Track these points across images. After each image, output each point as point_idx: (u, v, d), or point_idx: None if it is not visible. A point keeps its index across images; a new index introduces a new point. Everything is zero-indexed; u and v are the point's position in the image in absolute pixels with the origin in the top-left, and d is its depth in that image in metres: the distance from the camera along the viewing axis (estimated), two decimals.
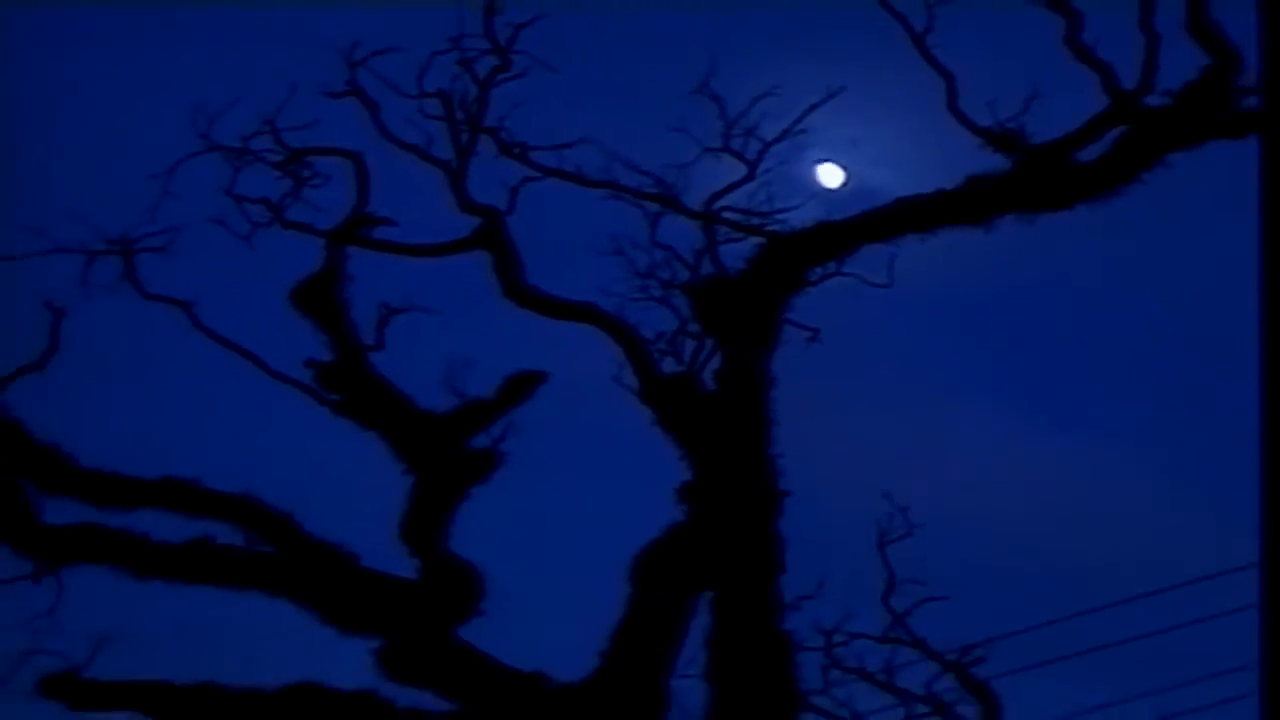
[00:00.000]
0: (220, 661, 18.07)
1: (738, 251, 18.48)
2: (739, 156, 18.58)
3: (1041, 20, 17.34)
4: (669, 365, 18.34)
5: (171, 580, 17.86)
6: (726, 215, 18.63)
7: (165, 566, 17.78)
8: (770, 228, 18.30)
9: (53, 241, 18.51)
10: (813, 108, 18.49)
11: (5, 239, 19.26)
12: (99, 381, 19.71)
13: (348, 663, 17.73)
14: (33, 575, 17.71)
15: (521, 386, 18.68)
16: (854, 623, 18.51)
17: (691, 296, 18.42)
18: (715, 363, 18.10)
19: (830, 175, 19.32)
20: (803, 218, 18.30)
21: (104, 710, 17.52)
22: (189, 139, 18.78)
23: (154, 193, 18.76)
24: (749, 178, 18.58)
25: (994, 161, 17.48)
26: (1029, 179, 17.41)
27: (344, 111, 18.93)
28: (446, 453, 18.42)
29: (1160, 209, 18.64)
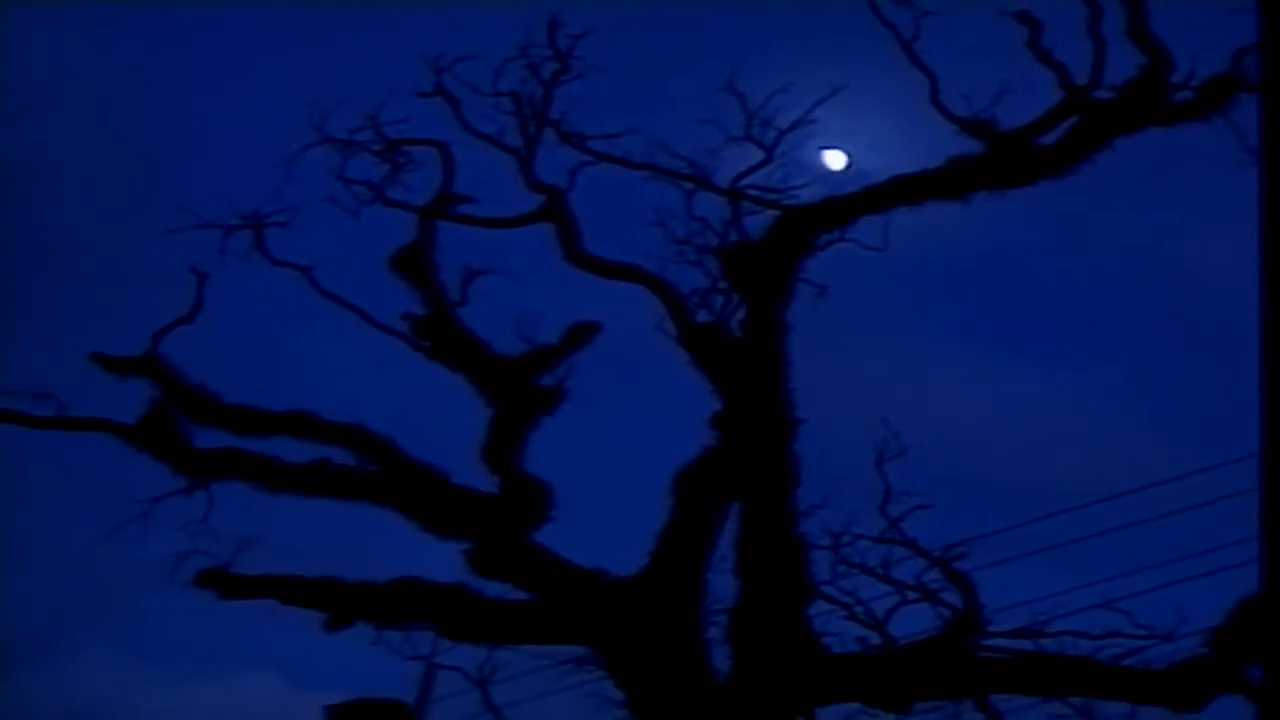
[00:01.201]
0: (339, 560, 18.63)
1: (758, 222, 18.86)
2: (758, 143, 18.80)
3: (1009, 28, 17.81)
4: (702, 316, 18.65)
5: (298, 494, 18.68)
6: (748, 192, 18.90)
7: (293, 483, 18.59)
8: (785, 202, 18.68)
9: (197, 218, 18.97)
10: (819, 102, 18.72)
11: (159, 217, 19.89)
12: (236, 332, 19.96)
13: (442, 562, 18.18)
14: (187, 490, 18.47)
15: (580, 335, 19.11)
16: (856, 527, 18.33)
17: (720, 259, 18.72)
18: (740, 314, 18.50)
19: (834, 159, 19.42)
20: (811, 194, 18.74)
21: (247, 599, 18.26)
22: (306, 132, 19.12)
23: (278, 177, 19.20)
24: (766, 161, 18.82)
25: (970, 146, 18.06)
26: (999, 160, 17.99)
27: (432, 108, 19.23)
28: (519, 390, 18.82)
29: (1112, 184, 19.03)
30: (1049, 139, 18.12)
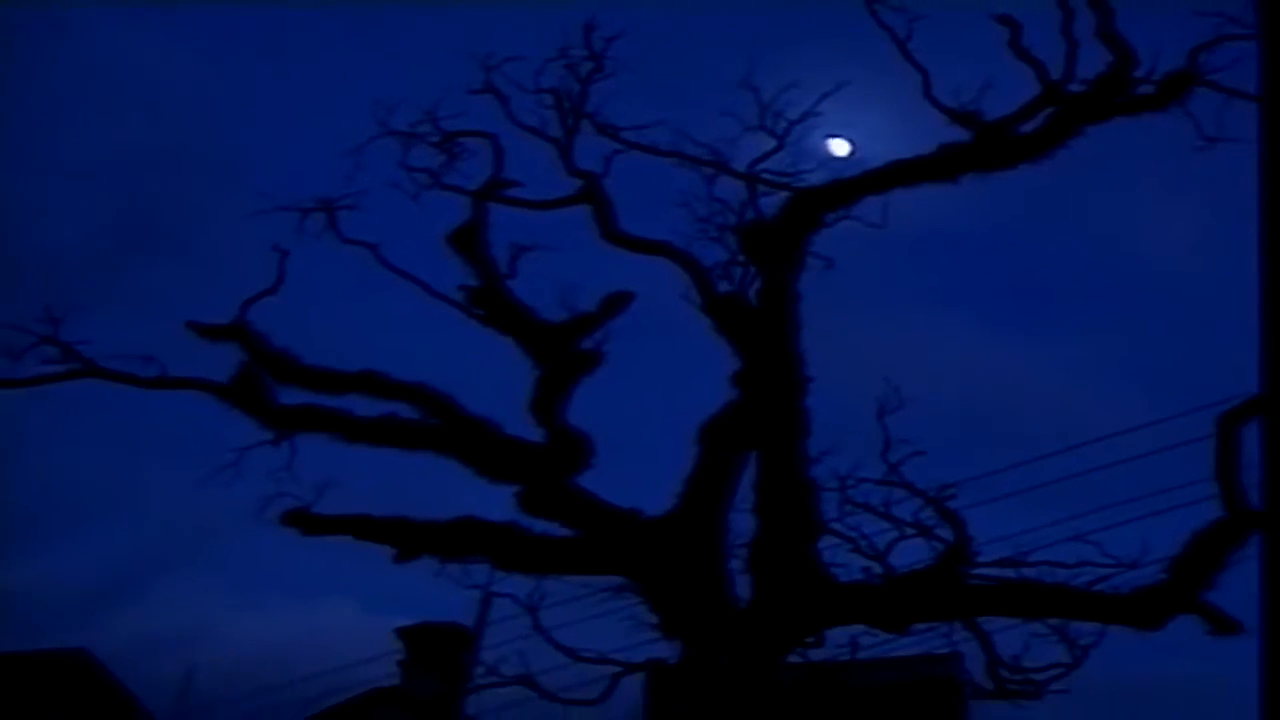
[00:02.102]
0: (405, 502, 18.97)
1: (771, 202, 19.04)
2: (771, 133, 19.01)
3: (992, 30, 18.12)
4: (723, 286, 18.80)
5: (369, 444, 18.82)
6: (763, 176, 19.07)
7: (364, 434, 18.76)
8: (795, 185, 18.89)
9: (277, 202, 19.28)
10: (825, 96, 18.93)
11: (244, 202, 20.21)
12: (313, 302, 20.22)
13: (496, 503, 18.28)
14: (273, 441, 18.75)
15: (615, 303, 19.29)
16: (860, 471, 18.34)
17: (738, 236, 18.90)
18: (757, 284, 18.66)
19: (838, 146, 19.50)
20: (818, 177, 18.93)
21: (325, 536, 18.50)
22: (372, 126, 19.42)
23: (348, 166, 19.39)
24: (779, 148, 19.04)
25: (958, 134, 18.31)
26: (984, 147, 18.21)
27: (482, 104, 19.51)
28: (562, 352, 18.97)
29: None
30: (1028, 127, 18.26)
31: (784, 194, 18.94)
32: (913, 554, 18.36)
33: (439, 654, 27.14)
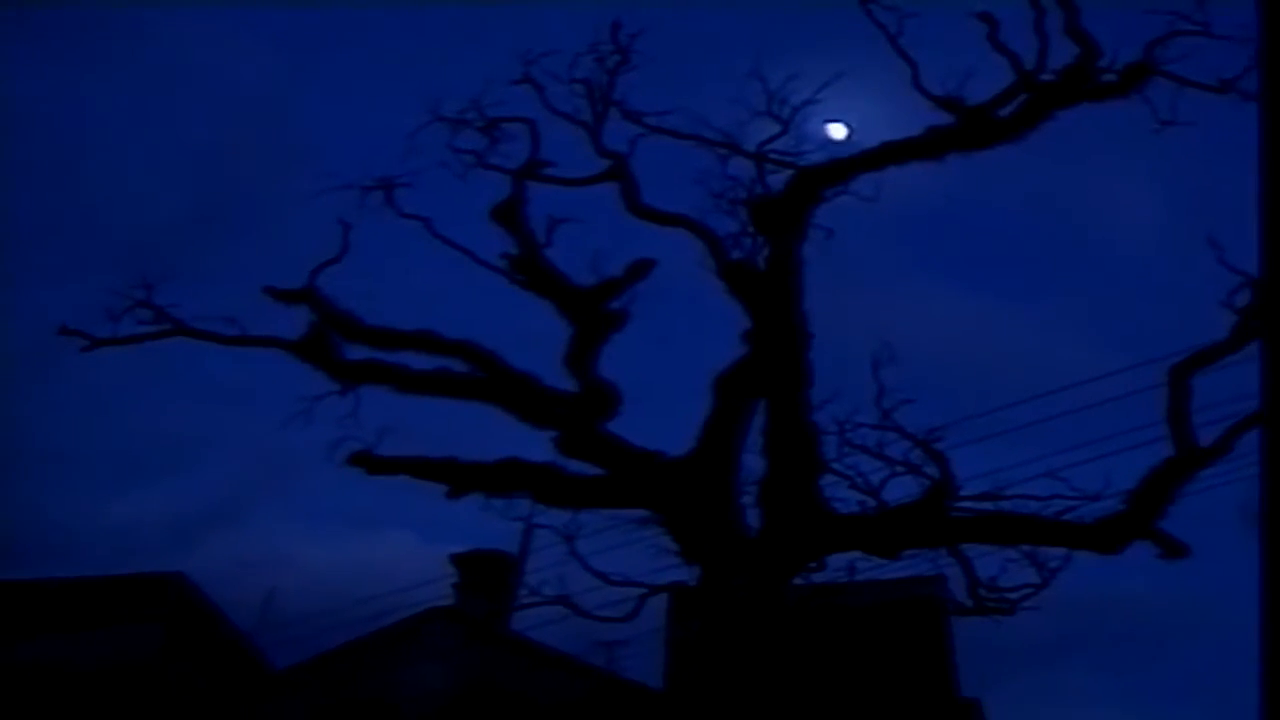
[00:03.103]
0: (456, 445, 18.91)
1: (778, 179, 19.06)
2: (777, 118, 19.02)
3: (973, 26, 18.17)
4: (735, 254, 18.87)
5: (424, 394, 18.94)
6: (770, 156, 19.09)
7: (420, 386, 18.91)
8: (798, 164, 18.93)
9: (341, 181, 19.42)
10: (824, 85, 18.95)
11: (310, 181, 20.43)
12: (373, 269, 20.54)
13: (536, 446, 18.41)
14: (339, 391, 18.87)
15: (640, 270, 19.38)
16: (857, 416, 18.50)
17: (748, 209, 18.94)
18: (764, 252, 18.73)
19: (836, 130, 19.48)
20: (819, 157, 18.95)
21: (387, 475, 18.61)
22: (424, 113, 19.49)
23: (403, 149, 19.47)
24: (784, 132, 19.04)
25: (943, 118, 18.37)
26: (966, 129, 18.31)
27: (521, 93, 19.61)
28: (593, 312, 19.13)
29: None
30: (1005, 112, 18.28)
31: (788, 172, 18.97)
32: (903, 489, 18.53)
33: (488, 577, 27.17)
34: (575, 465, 18.37)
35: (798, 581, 17.97)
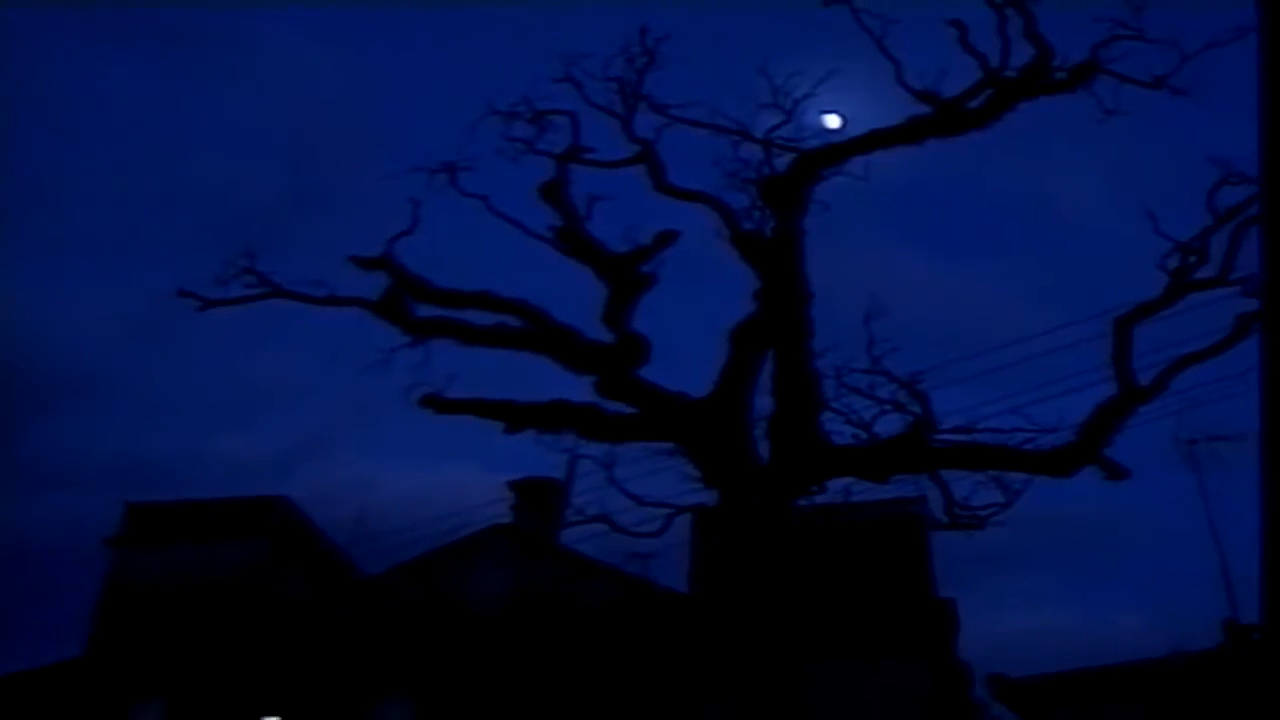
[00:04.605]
0: (512, 388, 19.02)
1: (782, 162, 19.04)
2: (781, 108, 19.03)
3: (947, 31, 18.18)
4: (746, 225, 18.87)
5: (484, 346, 18.96)
6: (775, 141, 19.07)
7: (480, 339, 18.97)
8: (799, 148, 18.98)
9: (410, 165, 19.51)
10: (821, 81, 18.89)
11: (386, 165, 20.91)
12: (440, 239, 20.36)
13: (579, 389, 18.47)
14: (411, 344, 18.95)
15: (666, 239, 19.38)
16: (852, 363, 18.63)
17: (757, 187, 18.93)
18: (771, 223, 18.72)
19: (831, 119, 19.32)
20: (817, 143, 18.97)
21: (453, 414, 18.68)
22: (482, 106, 19.42)
23: (464, 137, 19.52)
24: (787, 120, 19.04)
25: (922, 109, 18.41)
26: (941, 118, 18.38)
27: (563, 90, 19.53)
28: (626, 276, 19.16)
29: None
30: (974, 104, 18.33)
31: (791, 155, 18.97)
32: (890, 424, 18.67)
33: (539, 500, 27.50)
34: (612, 405, 18.43)
35: (802, 502, 18.05)
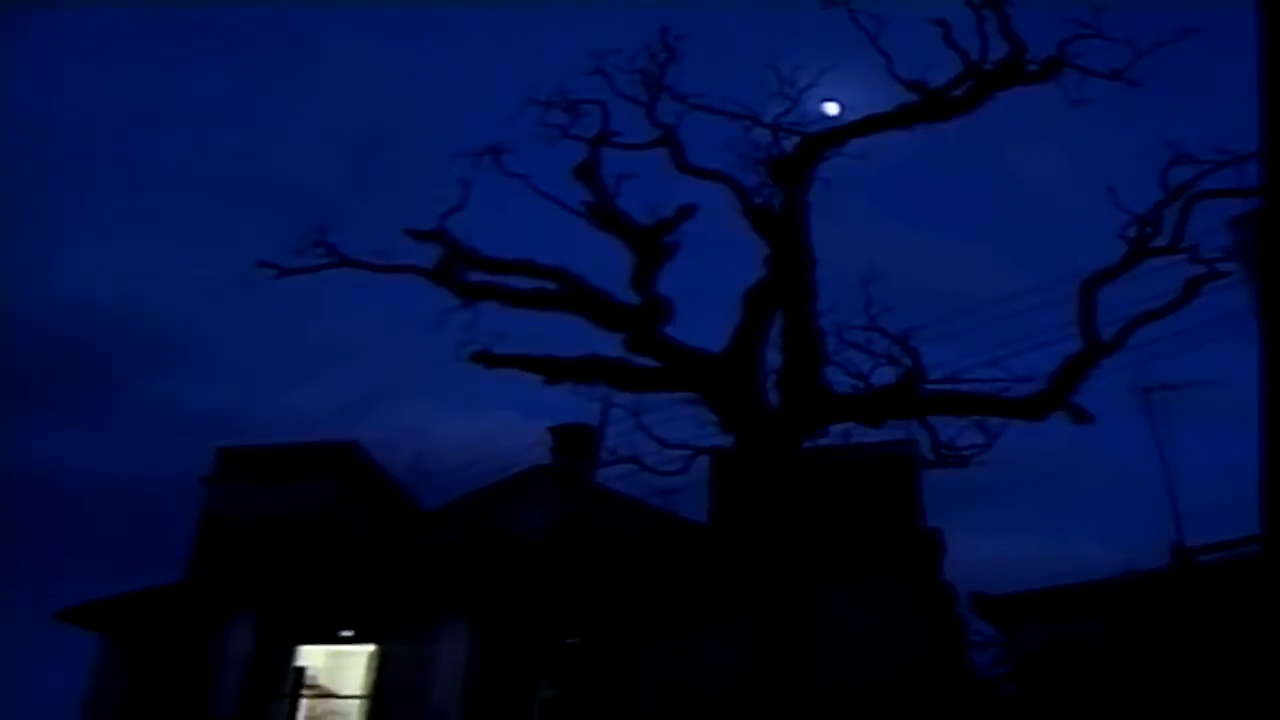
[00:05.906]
0: (551, 345, 18.90)
1: (789, 144, 18.96)
2: (787, 97, 18.95)
3: (932, 29, 18.14)
4: (758, 200, 18.80)
5: (527, 308, 18.87)
6: (782, 126, 18.98)
7: (523, 301, 18.95)
8: (804, 132, 18.88)
9: (457, 150, 19.25)
10: (822, 73, 18.86)
11: (438, 148, 20.75)
12: (487, 214, 20.11)
13: (610, 345, 18.44)
14: (463, 306, 18.89)
15: (685, 212, 19.29)
16: (850, 321, 18.83)
17: (767, 166, 18.89)
18: (780, 198, 18.67)
19: (831, 107, 19.27)
20: (818, 128, 18.90)
21: (500, 368, 18.64)
22: (523, 96, 19.28)
23: (507, 124, 19.14)
24: (792, 107, 18.96)
25: (911, 98, 18.36)
26: (928, 106, 18.37)
27: (594, 81, 19.42)
28: (651, 245, 19.05)
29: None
30: (957, 93, 18.27)
31: (797, 138, 18.93)
32: (885, 375, 18.87)
33: (576, 444, 27.52)
34: (640, 360, 18.46)
35: (807, 444, 18.13)
